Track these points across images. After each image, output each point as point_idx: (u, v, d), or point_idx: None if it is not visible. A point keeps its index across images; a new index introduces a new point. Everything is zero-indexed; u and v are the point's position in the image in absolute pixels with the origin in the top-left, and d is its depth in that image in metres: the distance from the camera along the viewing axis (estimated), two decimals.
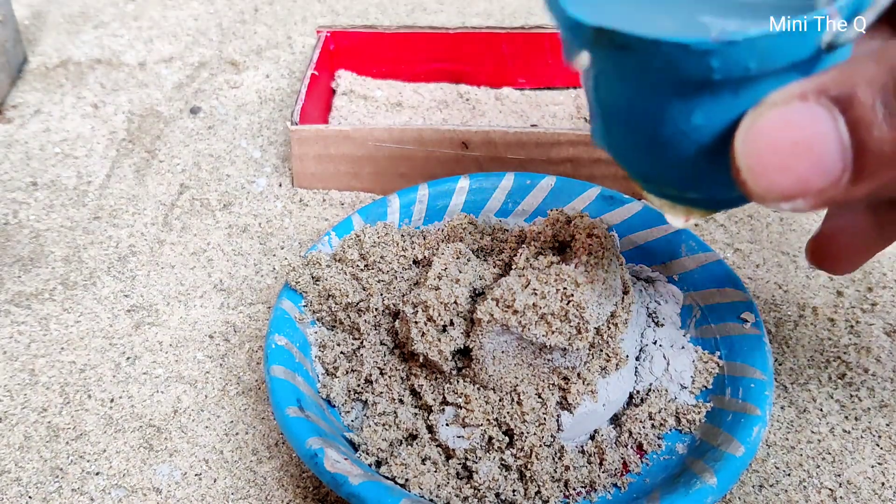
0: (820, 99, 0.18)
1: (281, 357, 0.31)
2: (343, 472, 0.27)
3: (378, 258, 0.35)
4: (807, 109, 0.18)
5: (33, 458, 0.32)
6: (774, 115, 0.19)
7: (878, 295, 0.39)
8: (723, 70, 0.19)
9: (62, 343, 0.37)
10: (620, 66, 0.21)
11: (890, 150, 0.18)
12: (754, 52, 0.19)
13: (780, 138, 0.19)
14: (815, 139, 0.18)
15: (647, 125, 0.21)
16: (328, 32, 0.51)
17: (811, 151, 0.19)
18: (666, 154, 0.22)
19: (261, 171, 0.47)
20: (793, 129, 0.19)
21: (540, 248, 0.32)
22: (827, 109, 0.18)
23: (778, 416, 0.33)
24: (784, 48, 0.19)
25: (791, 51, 0.19)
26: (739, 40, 0.18)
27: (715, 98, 0.20)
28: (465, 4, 0.64)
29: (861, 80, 0.18)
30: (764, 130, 0.19)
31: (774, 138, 0.19)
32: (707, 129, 0.20)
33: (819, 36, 0.18)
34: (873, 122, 0.18)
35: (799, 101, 0.19)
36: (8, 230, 0.43)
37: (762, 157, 0.19)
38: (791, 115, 0.19)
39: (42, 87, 0.55)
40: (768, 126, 0.19)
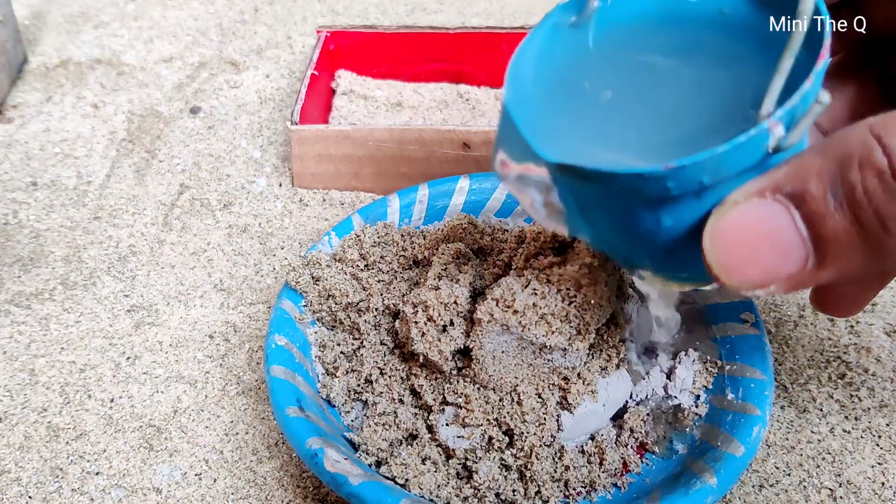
0: (776, 195, 0.20)
1: (281, 357, 0.31)
2: (343, 472, 0.27)
3: (378, 258, 0.35)
4: (765, 206, 0.20)
5: (33, 458, 0.32)
6: (736, 214, 0.20)
7: (879, 295, 0.39)
8: (679, 188, 0.20)
9: (62, 343, 0.37)
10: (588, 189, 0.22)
11: (845, 238, 0.19)
12: (705, 170, 0.20)
13: (744, 234, 0.20)
14: (776, 233, 0.20)
15: (623, 227, 0.23)
16: (328, 32, 0.51)
17: (774, 244, 0.20)
18: (645, 247, 0.23)
19: (261, 171, 0.47)
20: (755, 225, 0.20)
21: (540, 248, 0.32)
22: (783, 205, 0.20)
23: (778, 416, 0.33)
24: (732, 161, 0.20)
25: (739, 161, 0.20)
26: (688, 164, 0.19)
27: (679, 204, 0.21)
28: (465, 4, 0.64)
29: (810, 175, 0.19)
30: (728, 229, 0.20)
31: (739, 234, 0.20)
32: (678, 228, 0.22)
33: (764, 144, 0.20)
34: (826, 213, 0.19)
35: (757, 198, 0.20)
36: (8, 230, 0.43)
37: (729, 252, 0.20)
38: (751, 212, 0.20)
39: (42, 87, 0.55)
40: (732, 224, 0.20)
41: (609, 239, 0.24)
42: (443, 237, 0.35)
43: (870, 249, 0.20)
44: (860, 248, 0.20)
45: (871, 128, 0.19)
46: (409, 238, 0.36)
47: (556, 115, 0.25)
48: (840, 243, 0.20)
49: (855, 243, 0.20)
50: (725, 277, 0.21)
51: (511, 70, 0.25)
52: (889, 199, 0.19)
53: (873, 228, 0.19)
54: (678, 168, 0.20)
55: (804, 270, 0.20)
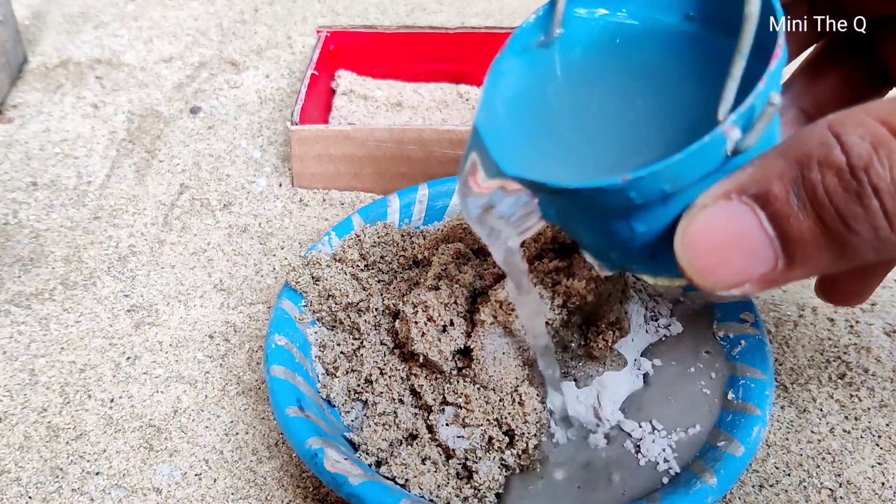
0: (742, 197, 0.20)
1: (281, 357, 0.31)
2: (343, 472, 0.27)
3: (378, 258, 0.35)
4: (732, 208, 0.20)
5: (33, 458, 0.32)
6: (704, 217, 0.20)
7: (878, 295, 0.39)
8: (641, 196, 0.21)
9: (62, 343, 0.37)
10: (561, 203, 0.23)
11: (811, 238, 0.20)
12: (664, 179, 0.20)
13: (713, 238, 0.20)
14: (744, 235, 0.20)
15: (602, 235, 0.24)
16: (328, 32, 0.51)
17: (743, 246, 0.20)
18: (627, 251, 0.23)
19: (261, 171, 0.47)
20: (723, 228, 0.20)
21: (541, 248, 0.32)
22: (749, 206, 0.20)
23: (778, 416, 0.33)
24: (690, 168, 0.20)
25: (699, 167, 0.20)
26: (645, 175, 0.20)
27: (648, 212, 0.22)
28: (465, 4, 0.64)
29: (773, 176, 0.20)
30: (698, 233, 0.21)
31: (708, 238, 0.21)
32: (652, 232, 0.22)
33: (721, 149, 0.20)
34: (790, 213, 0.19)
35: (724, 201, 0.20)
36: (8, 230, 0.43)
37: (700, 257, 0.21)
38: (719, 215, 0.20)
39: (42, 87, 0.55)
40: (701, 228, 0.21)
41: (595, 245, 0.25)
42: (443, 237, 0.35)
43: (835, 247, 0.20)
44: (826, 246, 0.20)
45: (830, 125, 0.19)
46: (409, 238, 0.36)
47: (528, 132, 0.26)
48: (806, 243, 0.20)
49: (820, 242, 0.20)
50: (699, 280, 0.21)
51: (484, 90, 0.26)
52: (849, 198, 0.19)
53: (836, 227, 0.19)
54: (636, 179, 0.20)
55: (775, 270, 0.20)
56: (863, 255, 0.20)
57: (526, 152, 0.25)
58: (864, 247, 0.19)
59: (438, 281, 0.31)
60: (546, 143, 0.25)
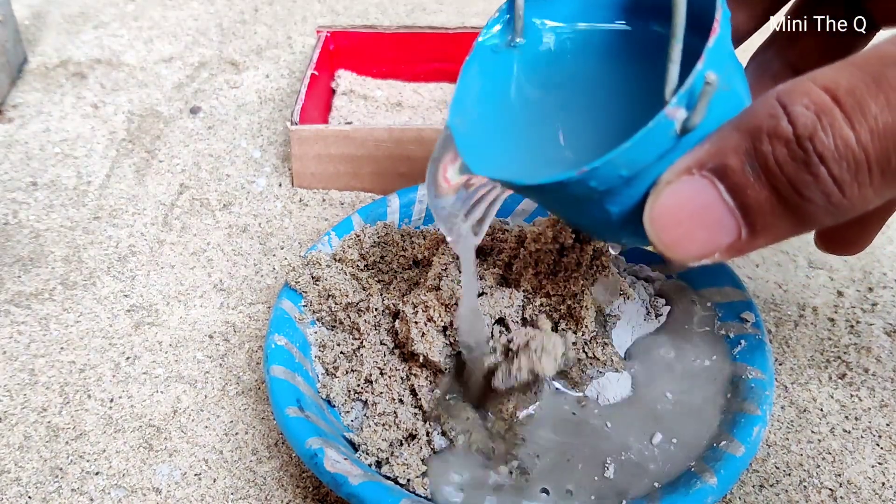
0: (701, 172, 0.21)
1: (281, 357, 0.31)
2: (343, 472, 0.27)
3: (378, 258, 0.35)
4: (693, 183, 0.21)
5: (33, 458, 0.32)
6: (668, 194, 0.21)
7: (878, 295, 0.39)
8: (603, 184, 0.22)
9: (62, 343, 0.37)
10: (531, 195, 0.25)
11: (768, 207, 0.20)
12: (619, 165, 0.21)
13: (677, 214, 0.21)
14: (706, 208, 0.21)
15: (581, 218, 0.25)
16: (328, 32, 0.51)
17: (706, 220, 0.21)
18: (609, 229, 0.25)
19: (261, 171, 0.47)
20: (685, 203, 0.21)
21: (541, 249, 0.32)
22: (709, 180, 0.21)
23: (778, 416, 0.33)
24: (643, 152, 0.21)
25: (652, 150, 0.21)
26: (598, 165, 0.21)
27: (615, 195, 0.23)
28: (465, 4, 0.64)
29: (728, 149, 0.20)
30: (663, 210, 0.22)
31: (673, 215, 0.21)
32: (626, 211, 0.23)
33: (670, 130, 0.21)
34: (746, 184, 0.20)
35: (686, 176, 0.21)
36: (8, 230, 0.43)
37: (667, 231, 0.22)
38: (681, 190, 0.21)
39: (42, 87, 0.55)
40: (666, 204, 0.21)
41: (584, 226, 0.27)
42: (443, 237, 0.35)
43: (793, 215, 0.20)
44: (784, 214, 0.20)
45: (778, 96, 0.20)
46: (409, 238, 0.36)
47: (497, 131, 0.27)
48: (765, 212, 0.20)
49: (778, 210, 0.20)
50: (669, 253, 0.22)
51: (456, 91, 0.27)
52: (798, 167, 0.19)
53: (790, 196, 0.20)
54: (591, 170, 0.21)
55: (740, 240, 0.21)
56: (821, 220, 0.20)
57: (495, 151, 0.26)
58: (820, 212, 0.20)
59: (439, 281, 0.31)
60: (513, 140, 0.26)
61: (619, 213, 0.23)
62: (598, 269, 0.33)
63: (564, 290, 0.32)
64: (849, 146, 0.19)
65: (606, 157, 0.21)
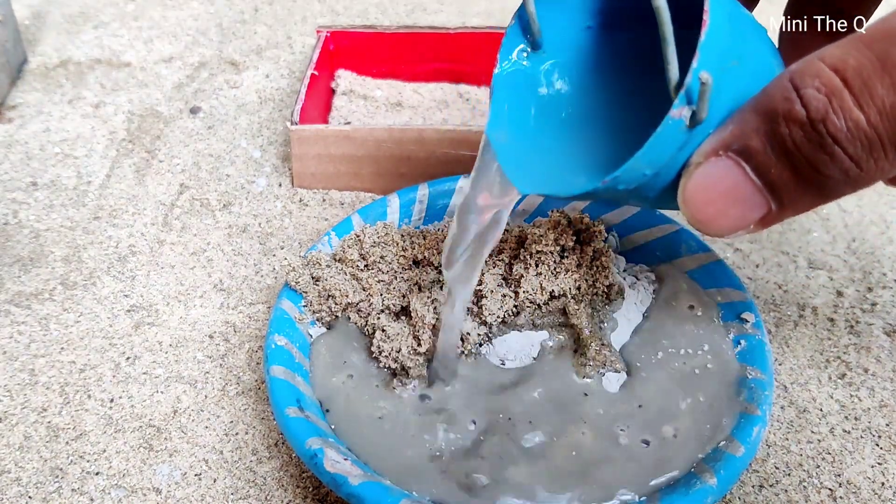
0: (727, 153, 0.22)
1: (281, 357, 0.31)
2: (343, 472, 0.27)
3: (378, 258, 0.35)
4: (721, 164, 0.22)
5: (33, 458, 0.32)
6: (699, 175, 0.23)
7: (878, 295, 0.39)
8: (630, 184, 0.23)
9: (62, 343, 0.37)
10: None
11: (793, 184, 0.21)
12: (640, 167, 0.23)
13: (709, 194, 0.23)
14: (735, 188, 0.22)
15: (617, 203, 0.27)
16: (328, 32, 0.51)
17: (736, 198, 0.22)
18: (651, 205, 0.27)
19: (261, 171, 0.47)
20: (715, 184, 0.22)
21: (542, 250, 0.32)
22: (735, 161, 0.22)
23: (778, 416, 0.33)
24: (659, 152, 0.22)
25: (667, 148, 0.22)
26: (619, 174, 0.23)
27: (646, 187, 0.24)
28: (465, 4, 0.64)
29: (751, 132, 0.21)
30: (695, 190, 0.23)
31: (705, 194, 0.23)
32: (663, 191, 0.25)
33: (680, 128, 0.22)
34: (770, 163, 0.21)
35: (714, 158, 0.22)
36: (8, 230, 0.43)
37: (701, 210, 0.23)
38: (710, 171, 0.22)
39: (42, 87, 0.55)
40: (697, 185, 0.23)
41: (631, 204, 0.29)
42: (443, 237, 0.35)
43: (816, 189, 0.21)
44: (807, 189, 0.22)
45: (791, 78, 0.21)
46: (409, 238, 0.36)
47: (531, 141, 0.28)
48: (790, 188, 0.22)
49: (801, 186, 0.21)
50: (704, 230, 0.23)
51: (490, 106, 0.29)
52: (815, 148, 0.20)
53: (810, 173, 0.21)
54: (613, 178, 0.23)
55: (770, 213, 0.23)
56: (843, 192, 0.22)
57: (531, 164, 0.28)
58: (841, 185, 0.21)
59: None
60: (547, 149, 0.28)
61: (657, 196, 0.25)
62: (598, 270, 0.33)
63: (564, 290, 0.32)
64: (860, 127, 0.20)
65: (624, 167, 0.22)
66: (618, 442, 0.29)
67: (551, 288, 0.32)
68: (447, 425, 0.29)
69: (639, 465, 0.28)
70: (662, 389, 0.31)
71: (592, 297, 0.33)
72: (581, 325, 0.32)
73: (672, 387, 0.31)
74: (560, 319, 0.33)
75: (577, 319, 0.32)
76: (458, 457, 0.29)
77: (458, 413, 0.30)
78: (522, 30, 0.28)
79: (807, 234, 0.43)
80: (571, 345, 0.32)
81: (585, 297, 0.33)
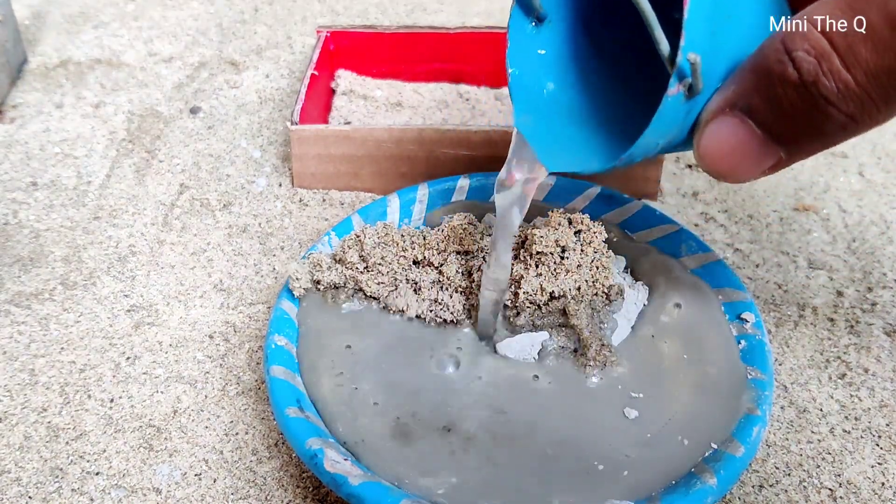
0: (734, 111, 0.23)
1: (281, 357, 0.31)
2: (343, 472, 0.27)
3: (378, 259, 0.35)
4: (728, 121, 0.24)
5: (33, 458, 0.32)
6: (709, 133, 0.24)
7: (878, 295, 0.39)
8: (645, 154, 0.25)
9: (62, 343, 0.37)
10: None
11: (798, 135, 0.23)
12: (651, 141, 0.24)
13: (721, 149, 0.24)
14: (744, 142, 0.24)
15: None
16: (328, 32, 0.51)
17: (746, 151, 0.24)
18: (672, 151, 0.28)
19: (261, 171, 0.47)
20: (725, 140, 0.24)
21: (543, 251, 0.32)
22: (740, 118, 0.23)
23: (778, 416, 0.33)
24: (665, 126, 0.24)
25: (673, 120, 0.24)
26: (632, 151, 0.24)
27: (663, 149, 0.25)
28: (465, 4, 0.64)
29: (751, 91, 0.23)
30: (708, 147, 0.24)
31: (717, 150, 0.24)
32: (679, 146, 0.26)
33: (679, 101, 0.23)
34: (772, 119, 0.23)
35: (721, 115, 0.24)
36: (8, 230, 0.43)
37: (716, 163, 0.25)
38: (719, 128, 0.24)
39: (42, 87, 0.55)
40: (709, 143, 0.24)
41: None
42: (443, 237, 0.35)
43: (820, 138, 0.23)
44: (811, 138, 0.23)
45: (783, 40, 0.22)
46: (409, 238, 0.36)
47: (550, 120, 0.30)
48: (795, 139, 0.23)
49: (806, 137, 0.23)
50: (722, 180, 0.25)
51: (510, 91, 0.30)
52: (810, 107, 0.22)
53: (810, 128, 0.22)
54: (629, 154, 0.24)
55: (781, 161, 0.24)
56: (847, 138, 0.23)
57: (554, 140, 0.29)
58: (843, 134, 0.22)
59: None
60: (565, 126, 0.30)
61: (673, 150, 0.27)
62: (598, 270, 0.33)
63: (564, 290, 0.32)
64: (849, 87, 0.21)
65: (636, 144, 0.24)
66: (618, 442, 0.29)
67: (551, 289, 0.32)
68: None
69: (638, 465, 0.28)
70: (662, 389, 0.31)
71: (592, 298, 0.33)
72: (581, 326, 0.32)
73: (672, 386, 0.31)
74: (560, 320, 0.33)
75: (578, 320, 0.32)
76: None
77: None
78: (524, 9, 0.29)
79: (807, 234, 0.43)
80: (572, 345, 0.32)
81: (585, 298, 0.33)
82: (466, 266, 0.34)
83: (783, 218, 0.44)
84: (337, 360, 0.32)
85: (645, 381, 0.31)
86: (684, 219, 0.43)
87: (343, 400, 0.30)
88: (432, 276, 0.34)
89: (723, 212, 0.44)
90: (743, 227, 0.43)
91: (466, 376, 0.31)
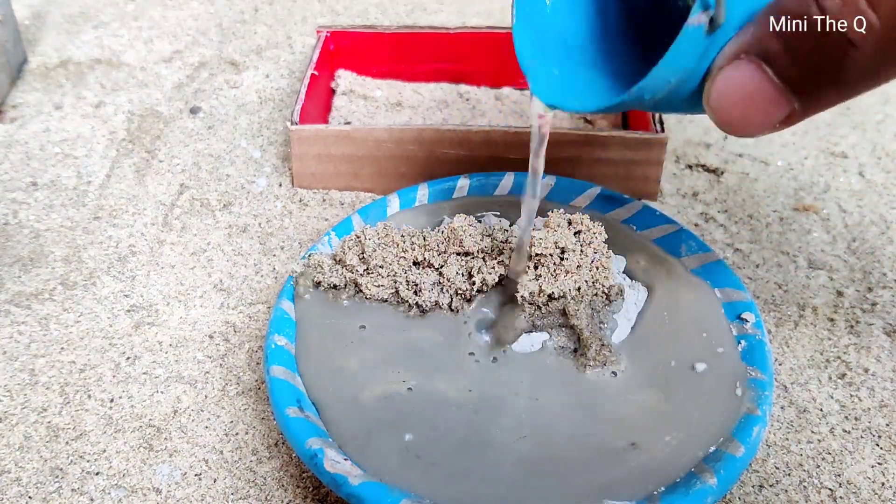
0: (750, 56, 0.22)
1: (281, 357, 0.31)
2: (342, 472, 0.27)
3: (379, 261, 0.35)
4: (743, 66, 0.23)
5: (33, 458, 0.32)
6: (722, 79, 0.23)
7: (878, 295, 0.39)
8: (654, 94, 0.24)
9: (62, 343, 0.37)
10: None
11: (814, 84, 0.22)
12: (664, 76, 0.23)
13: (732, 96, 0.23)
14: (758, 90, 0.23)
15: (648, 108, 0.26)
16: (328, 32, 0.51)
17: (759, 99, 0.23)
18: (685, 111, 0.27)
19: (261, 171, 0.47)
20: (738, 87, 0.23)
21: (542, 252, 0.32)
22: (756, 64, 0.22)
23: (778, 416, 0.33)
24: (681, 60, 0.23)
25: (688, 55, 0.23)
26: (642, 85, 0.23)
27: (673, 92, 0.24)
28: (465, 4, 0.64)
29: (769, 35, 0.22)
30: (719, 94, 0.23)
31: (729, 97, 0.23)
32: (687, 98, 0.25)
33: (700, 34, 0.22)
34: (790, 65, 0.22)
35: (736, 61, 0.23)
36: (8, 230, 0.43)
37: (726, 113, 0.24)
38: (733, 74, 0.23)
39: (42, 87, 0.55)
40: (721, 89, 0.23)
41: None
42: (443, 238, 0.35)
43: (835, 87, 0.22)
44: (828, 87, 0.22)
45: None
46: (409, 239, 0.36)
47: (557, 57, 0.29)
48: (811, 87, 0.22)
49: (821, 85, 0.22)
50: (731, 132, 0.24)
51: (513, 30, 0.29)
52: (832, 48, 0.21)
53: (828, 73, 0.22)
54: (640, 88, 0.23)
55: (794, 113, 0.23)
56: (862, 89, 0.22)
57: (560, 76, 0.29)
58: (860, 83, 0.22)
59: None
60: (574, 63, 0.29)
61: (681, 102, 0.25)
62: (597, 271, 0.33)
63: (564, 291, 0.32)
64: (874, 28, 0.20)
65: (649, 75, 0.23)
66: (618, 441, 0.29)
67: (551, 290, 0.32)
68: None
69: (639, 465, 0.28)
70: (662, 389, 0.31)
71: (592, 298, 0.33)
72: (581, 326, 0.32)
73: (672, 386, 0.31)
74: (560, 320, 0.33)
75: (578, 320, 0.32)
76: None
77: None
78: None
79: (807, 234, 0.43)
80: (572, 345, 0.32)
81: (585, 298, 0.33)
82: (467, 267, 0.34)
83: (783, 218, 0.44)
84: (337, 359, 0.32)
85: (644, 381, 0.31)
86: (684, 219, 0.43)
87: (343, 400, 0.30)
88: (433, 278, 0.34)
89: (723, 212, 0.44)
90: (743, 227, 0.43)
91: (468, 377, 0.31)
